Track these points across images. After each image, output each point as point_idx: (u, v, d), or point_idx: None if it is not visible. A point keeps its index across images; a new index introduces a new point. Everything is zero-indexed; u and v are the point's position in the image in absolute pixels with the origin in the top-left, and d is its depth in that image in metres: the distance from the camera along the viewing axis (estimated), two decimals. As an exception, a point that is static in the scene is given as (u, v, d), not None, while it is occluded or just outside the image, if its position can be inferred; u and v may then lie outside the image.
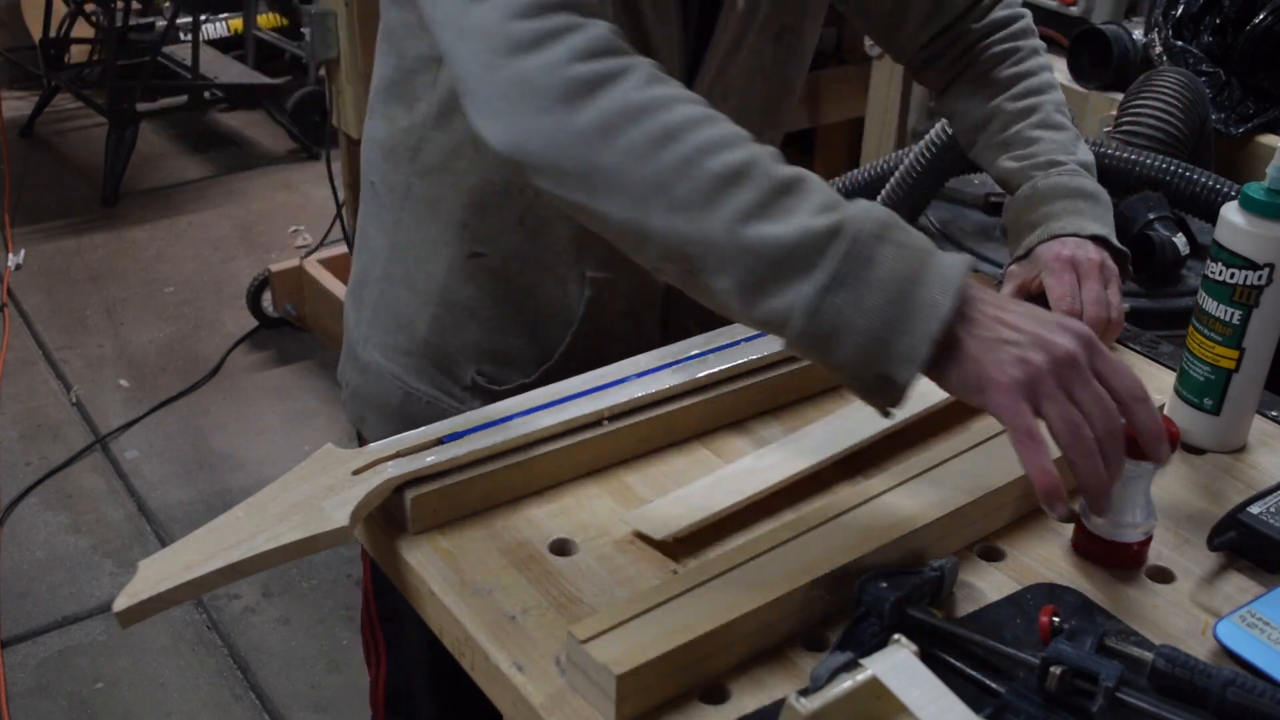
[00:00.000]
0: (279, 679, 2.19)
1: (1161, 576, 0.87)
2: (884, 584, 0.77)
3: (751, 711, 0.73)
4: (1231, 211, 0.94)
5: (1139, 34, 2.09)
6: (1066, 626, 0.75)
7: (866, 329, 0.74)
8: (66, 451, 2.75)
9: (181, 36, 4.26)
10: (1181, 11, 2.02)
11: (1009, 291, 1.09)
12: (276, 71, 4.52)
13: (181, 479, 2.69)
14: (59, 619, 2.29)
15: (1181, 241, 1.57)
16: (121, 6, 3.88)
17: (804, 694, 0.67)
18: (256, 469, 2.72)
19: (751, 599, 0.76)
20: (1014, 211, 1.12)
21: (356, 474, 0.85)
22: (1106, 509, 0.78)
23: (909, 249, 0.76)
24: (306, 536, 0.80)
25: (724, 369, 0.99)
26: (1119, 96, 1.95)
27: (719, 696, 0.75)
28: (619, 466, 0.95)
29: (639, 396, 0.95)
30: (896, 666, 0.70)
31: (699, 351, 1.01)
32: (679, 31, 1.01)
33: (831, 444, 0.95)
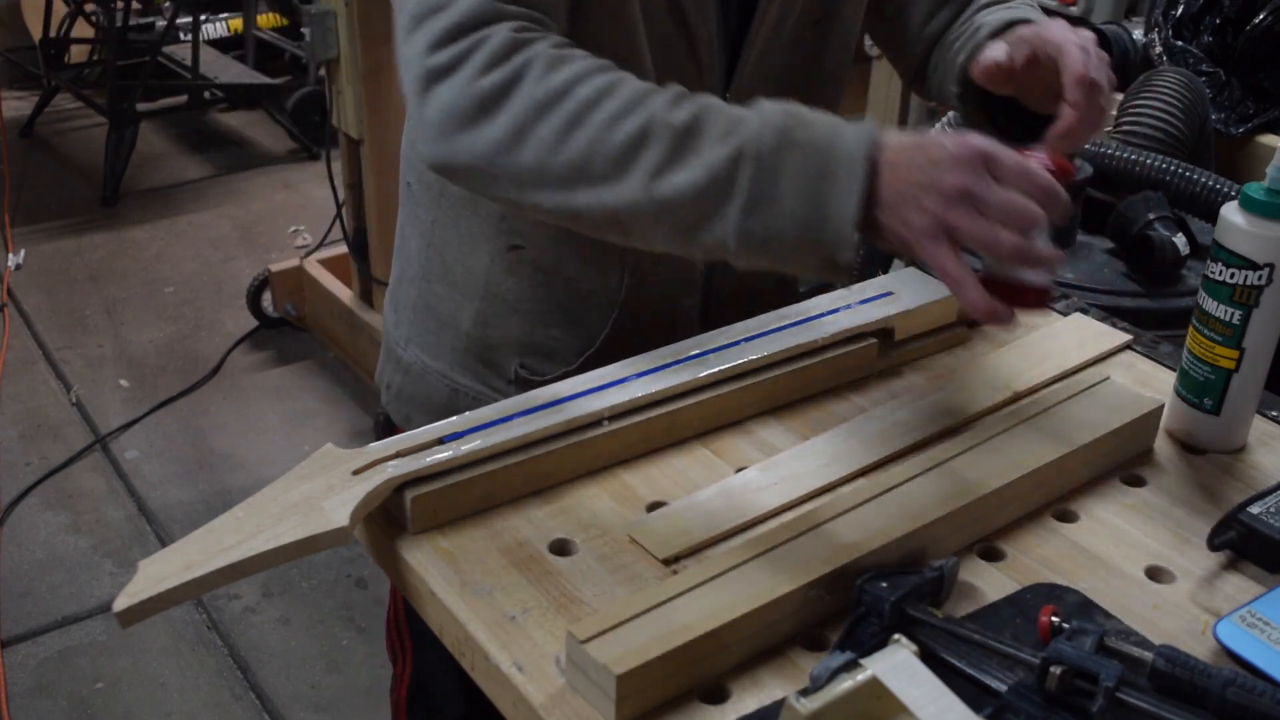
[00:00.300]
0: (279, 679, 2.19)
1: (1161, 576, 0.87)
2: (884, 584, 0.77)
3: (751, 711, 0.73)
4: (1231, 211, 0.94)
5: (1139, 34, 2.09)
6: (1066, 626, 0.75)
7: (794, 231, 0.81)
8: (66, 451, 2.75)
9: (181, 36, 4.26)
10: (1181, 11, 2.02)
11: (1021, 57, 0.95)
12: (276, 71, 4.52)
13: (181, 479, 2.69)
14: (59, 619, 2.29)
15: (1181, 241, 1.57)
16: (121, 6, 3.88)
17: (804, 694, 0.67)
18: (256, 469, 2.72)
19: (751, 599, 0.76)
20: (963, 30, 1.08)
21: (356, 474, 0.85)
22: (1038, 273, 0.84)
23: (810, 146, 0.81)
24: (306, 536, 0.80)
25: (724, 369, 0.99)
26: (1119, 96, 1.95)
27: (719, 696, 0.75)
28: (619, 466, 0.95)
29: (639, 396, 0.95)
30: (896, 666, 0.70)
31: (699, 351, 1.01)
32: (718, 20, 1.02)
33: (841, 461, 0.95)
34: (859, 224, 0.80)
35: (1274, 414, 1.06)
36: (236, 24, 4.73)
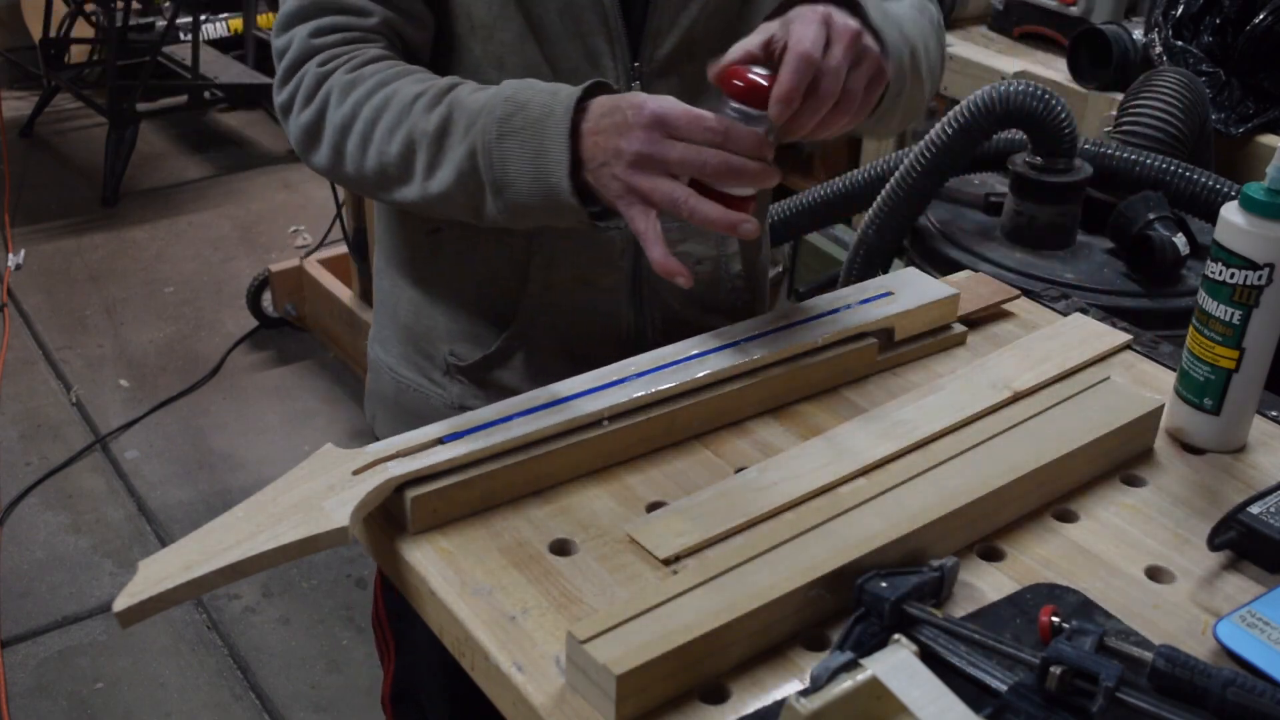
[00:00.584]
0: (279, 679, 2.19)
1: (1161, 576, 0.87)
2: (884, 584, 0.77)
3: (751, 711, 0.73)
4: (1231, 211, 0.94)
5: (1139, 34, 2.09)
6: (1066, 626, 0.75)
7: (536, 202, 0.93)
8: (66, 451, 2.75)
9: (181, 36, 4.26)
10: (1181, 11, 2.02)
11: (756, 43, 0.92)
12: (276, 71, 4.51)
13: (181, 479, 2.69)
14: (59, 619, 2.29)
15: (1181, 241, 1.57)
16: (121, 6, 3.88)
17: (804, 694, 0.67)
18: (256, 469, 2.72)
19: (751, 599, 0.76)
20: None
21: (356, 474, 0.85)
22: (762, 181, 0.91)
23: (525, 131, 0.92)
24: (306, 536, 0.80)
25: (724, 369, 0.99)
26: (1119, 96, 1.95)
27: (719, 696, 0.75)
28: (619, 466, 0.95)
29: (639, 396, 0.95)
30: (896, 666, 0.70)
31: (699, 352, 1.01)
32: None
33: (841, 461, 0.95)
34: (575, 189, 0.91)
35: (1274, 414, 1.06)
36: (236, 24, 4.72)
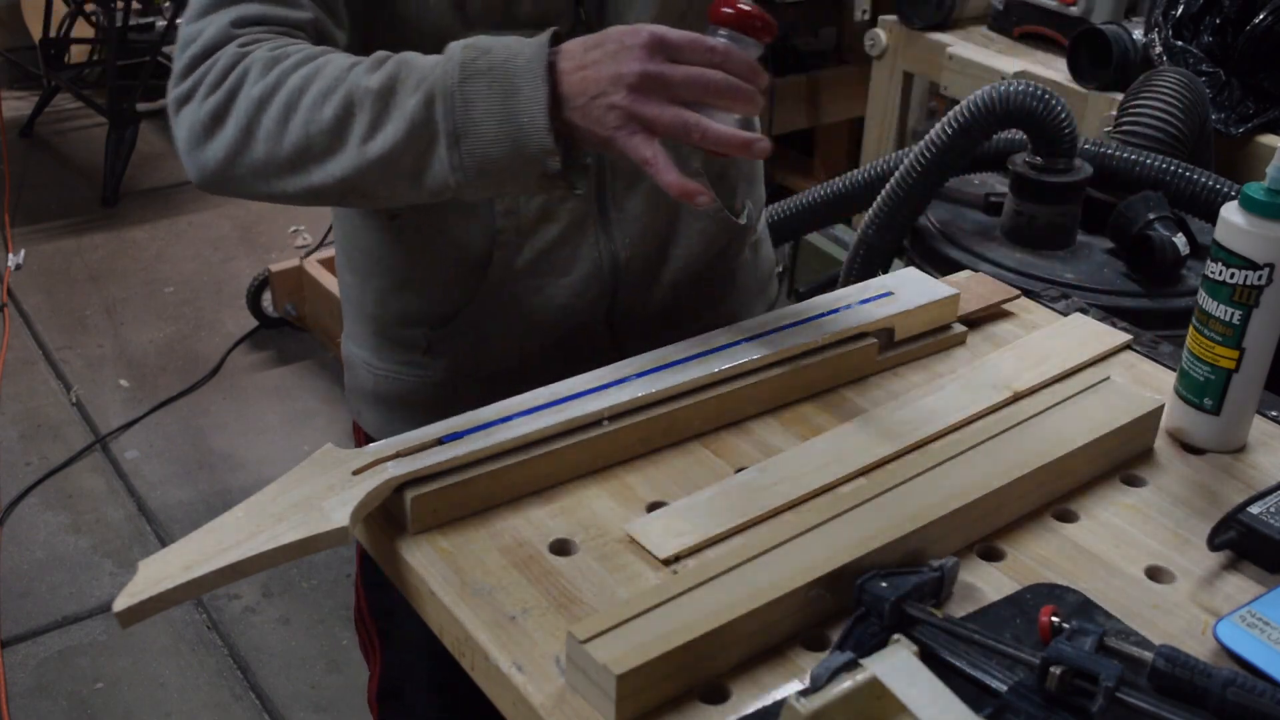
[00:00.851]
0: (279, 679, 2.19)
1: (1161, 576, 0.87)
2: (884, 584, 0.77)
3: (751, 711, 0.73)
4: (1231, 211, 0.94)
5: (1139, 34, 2.09)
6: (1066, 626, 0.75)
7: (499, 153, 0.87)
8: (66, 451, 2.75)
9: (182, 36, 4.25)
10: (1181, 11, 2.02)
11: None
12: (276, 71, 4.51)
13: (181, 479, 2.69)
14: (59, 619, 2.29)
15: (1181, 241, 1.57)
16: (121, 6, 3.88)
17: (804, 694, 0.68)
18: (256, 469, 2.72)
19: (751, 599, 0.76)
20: None
21: (356, 474, 0.85)
22: (758, 106, 0.88)
23: (491, 71, 0.86)
24: (306, 536, 0.80)
25: (724, 369, 0.99)
26: (1119, 96, 1.95)
27: (719, 696, 0.75)
28: (619, 466, 0.95)
29: (639, 396, 0.95)
30: (896, 666, 0.70)
31: (699, 351, 1.01)
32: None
33: (841, 461, 0.95)
34: (553, 129, 0.85)
35: (1274, 414, 1.06)
36: (236, 24, 4.72)
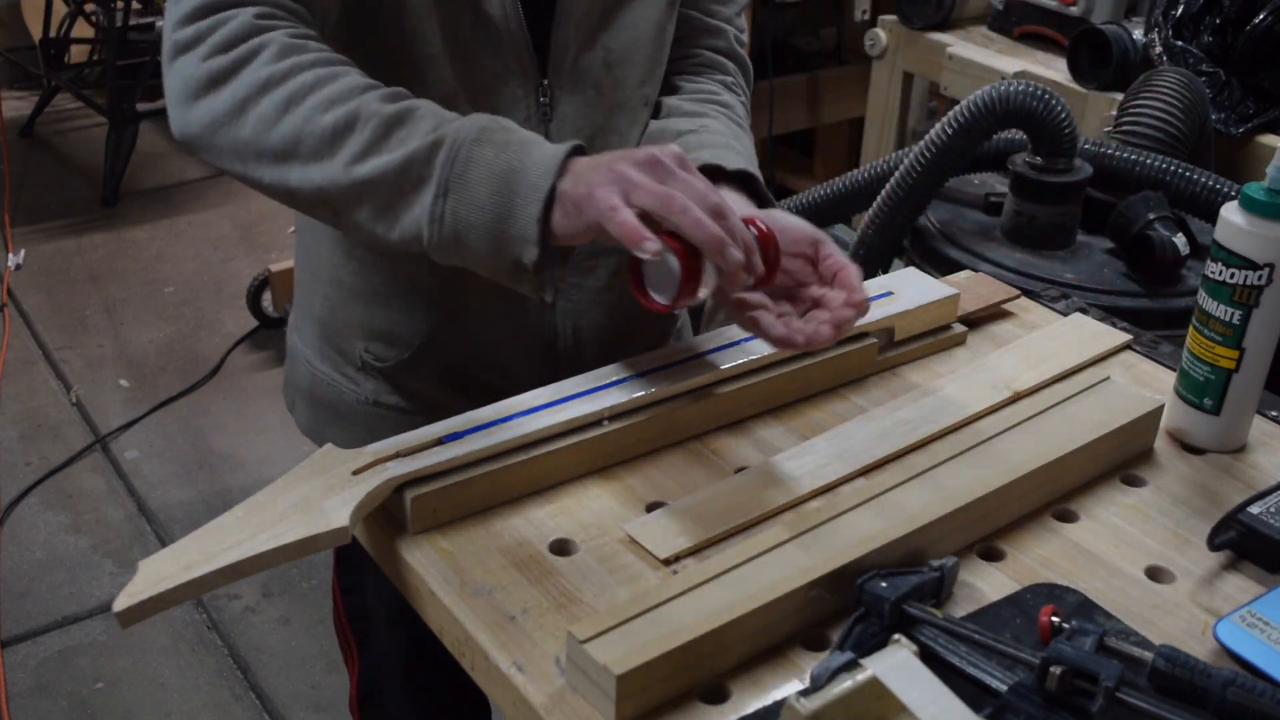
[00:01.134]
0: (279, 679, 2.19)
1: (1161, 576, 0.87)
2: (884, 584, 0.77)
3: (751, 711, 0.73)
4: (1231, 211, 0.94)
5: (1139, 34, 2.09)
6: (1066, 626, 0.75)
7: (483, 223, 0.85)
8: (66, 451, 2.75)
9: (182, 36, 4.25)
10: (1181, 11, 2.02)
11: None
12: (276, 71, 4.50)
13: (181, 479, 2.69)
14: (59, 619, 2.29)
15: (1181, 241, 1.57)
16: (121, 6, 3.88)
17: (804, 694, 0.67)
18: (256, 469, 2.72)
19: (751, 599, 0.76)
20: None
21: (356, 474, 0.85)
22: (753, 268, 0.86)
23: (509, 146, 0.86)
24: (306, 536, 0.80)
25: (724, 369, 0.99)
26: (1119, 96, 1.95)
27: (719, 696, 0.75)
28: (619, 466, 0.95)
29: (639, 396, 0.95)
30: (896, 666, 0.70)
31: (700, 352, 1.01)
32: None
33: (841, 461, 0.95)
34: (543, 220, 0.84)
35: (1274, 414, 1.06)
36: (236, 24, 4.71)
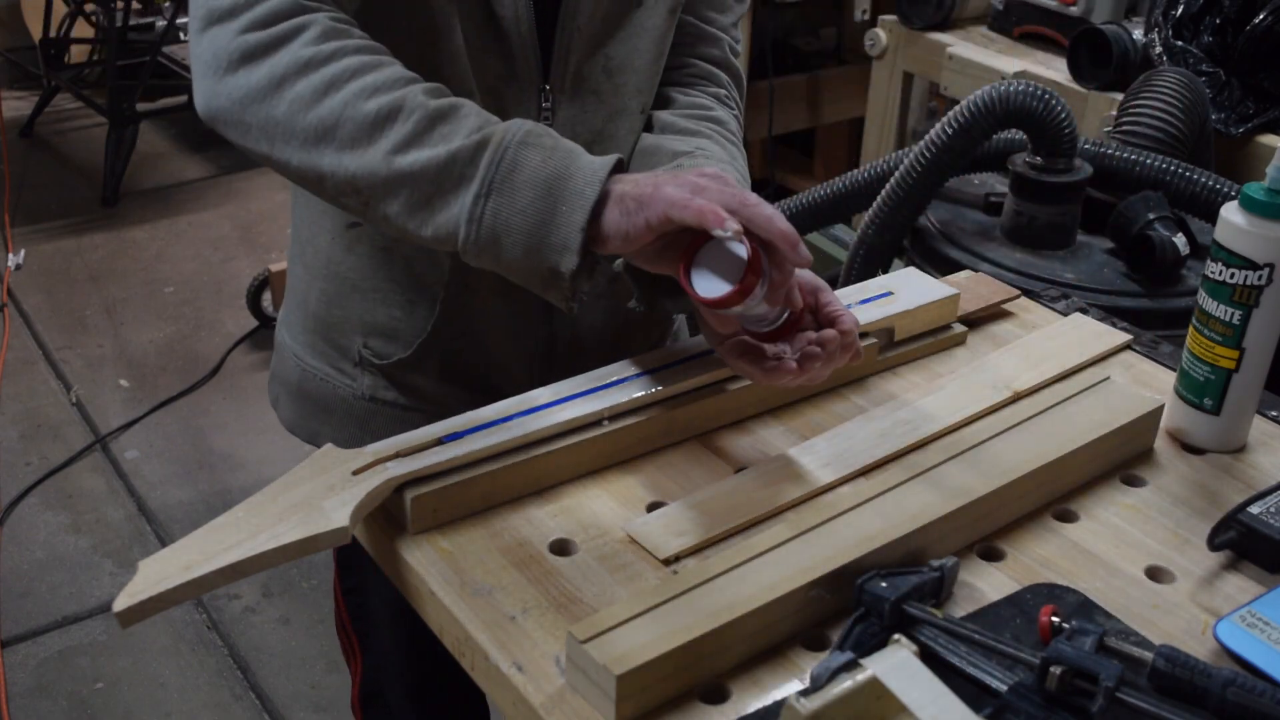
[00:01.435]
0: (279, 679, 2.19)
1: (1161, 576, 0.87)
2: (884, 584, 0.77)
3: (751, 711, 0.73)
4: (1231, 211, 0.94)
5: (1139, 34, 2.09)
6: (1066, 626, 0.75)
7: (523, 227, 0.84)
8: (66, 451, 2.75)
9: (181, 36, 4.25)
10: (1181, 11, 2.02)
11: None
12: (276, 71, 4.50)
13: (181, 479, 2.69)
14: (59, 619, 2.29)
15: (1181, 241, 1.57)
16: (121, 6, 3.88)
17: (804, 694, 0.67)
18: (256, 469, 2.72)
19: (751, 599, 0.76)
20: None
21: (356, 474, 0.85)
22: (792, 301, 0.88)
23: (556, 151, 0.85)
24: (306, 536, 0.80)
25: (724, 369, 0.99)
26: (1119, 96, 1.95)
27: (719, 696, 0.75)
28: (619, 466, 0.95)
29: (639, 396, 0.95)
30: (896, 666, 0.70)
31: (699, 352, 1.01)
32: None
33: (841, 461, 0.95)
34: (586, 231, 0.83)
35: (1274, 414, 1.06)
36: (237, 24, 4.71)
